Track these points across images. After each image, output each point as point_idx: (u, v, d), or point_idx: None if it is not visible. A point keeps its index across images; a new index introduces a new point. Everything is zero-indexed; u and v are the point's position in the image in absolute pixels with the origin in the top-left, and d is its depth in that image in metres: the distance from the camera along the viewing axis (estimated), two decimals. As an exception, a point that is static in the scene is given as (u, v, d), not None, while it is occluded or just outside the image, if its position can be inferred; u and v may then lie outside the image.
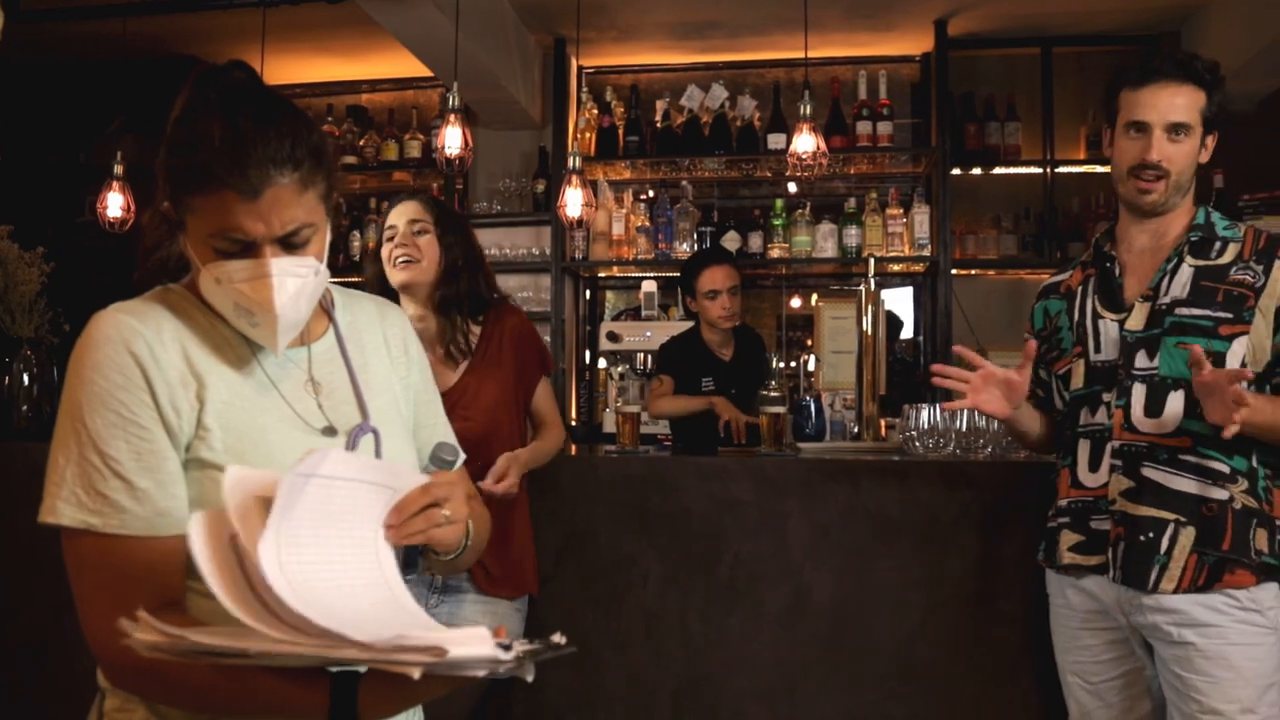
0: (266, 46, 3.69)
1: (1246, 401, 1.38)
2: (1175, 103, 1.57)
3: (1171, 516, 1.53)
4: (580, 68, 4.42)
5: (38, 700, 2.26)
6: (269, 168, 0.89)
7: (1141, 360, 1.59)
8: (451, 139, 2.97)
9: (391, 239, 1.93)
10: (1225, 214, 1.66)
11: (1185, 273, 1.59)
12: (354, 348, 1.06)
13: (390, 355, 1.10)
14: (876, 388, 2.49)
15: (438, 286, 1.93)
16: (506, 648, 0.75)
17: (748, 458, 2.19)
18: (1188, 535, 1.52)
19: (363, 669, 0.85)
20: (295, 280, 0.93)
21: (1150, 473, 1.56)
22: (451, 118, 2.98)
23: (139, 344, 0.90)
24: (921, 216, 3.98)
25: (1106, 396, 1.61)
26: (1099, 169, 4.12)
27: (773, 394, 2.28)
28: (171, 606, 0.88)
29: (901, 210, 4.02)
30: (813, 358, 3.94)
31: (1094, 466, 1.62)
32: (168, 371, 0.91)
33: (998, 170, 4.19)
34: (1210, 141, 1.63)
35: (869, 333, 2.48)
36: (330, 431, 0.98)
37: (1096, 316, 1.66)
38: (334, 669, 0.86)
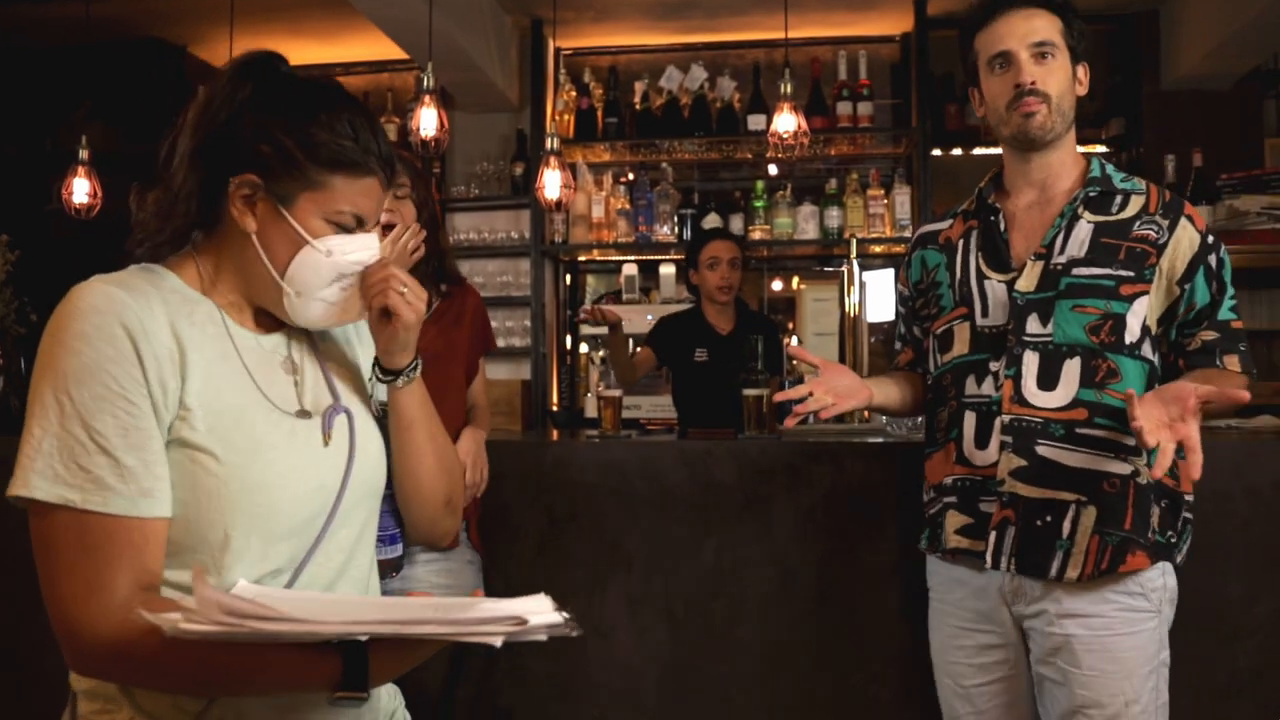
0: (235, 29, 3.62)
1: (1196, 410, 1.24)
2: (1033, 24, 1.47)
3: (1072, 497, 1.40)
4: (557, 49, 4.36)
5: (4, 703, 2.22)
6: (398, 168, 1.10)
7: (1033, 326, 1.45)
8: (427, 121, 2.92)
9: None
10: (1204, 194, 1.61)
11: (1084, 229, 1.47)
12: (319, 331, 1.08)
13: (348, 337, 1.13)
14: (859, 369, 2.48)
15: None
16: (559, 610, 0.81)
17: (730, 441, 2.18)
18: (1089, 516, 1.40)
19: (364, 637, 0.84)
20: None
21: (1046, 450, 1.42)
22: (427, 99, 2.93)
23: (130, 316, 0.87)
24: (902, 197, 3.97)
25: (994, 365, 1.47)
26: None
27: (756, 376, 2.27)
28: (148, 590, 0.85)
29: (882, 191, 4.00)
30: (794, 340, 3.93)
31: (981, 443, 1.47)
32: (157, 346, 0.88)
33: (978, 150, 4.19)
34: (1083, 74, 1.51)
35: (851, 314, 2.46)
36: (305, 415, 0.98)
37: (981, 277, 1.52)
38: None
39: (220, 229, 0.98)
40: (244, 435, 0.91)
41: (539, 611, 0.80)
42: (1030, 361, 1.45)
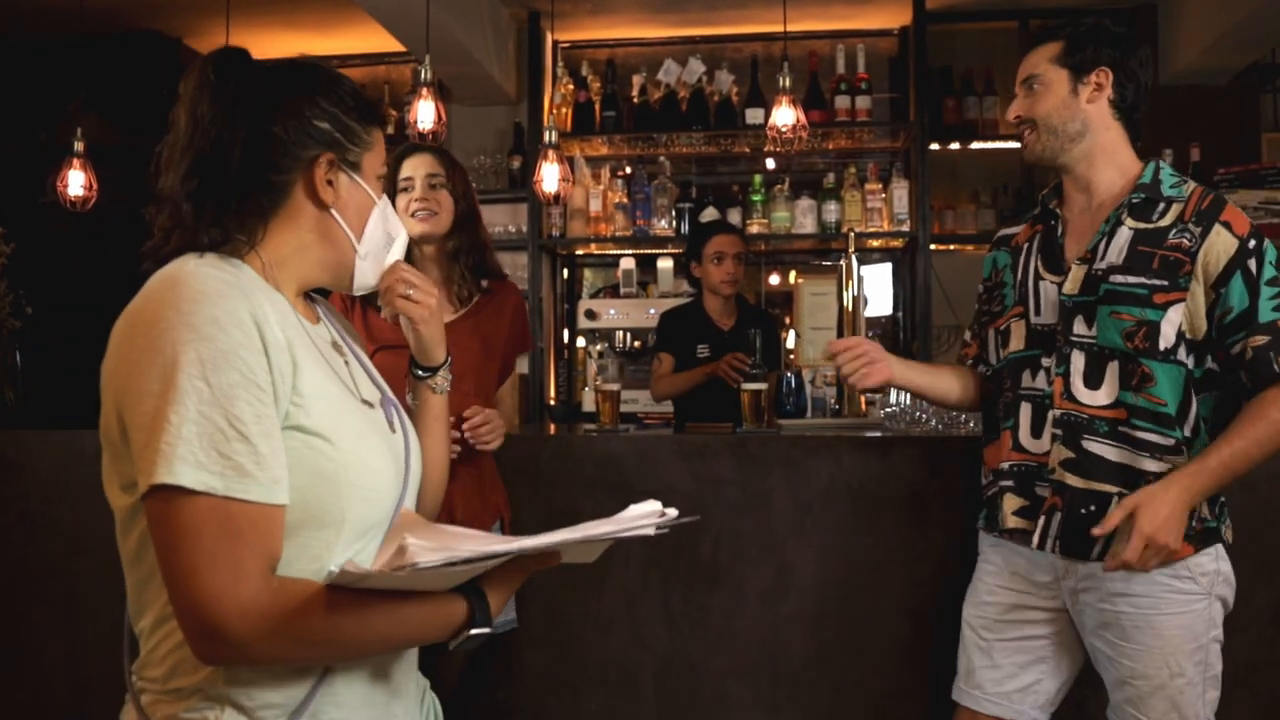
0: (231, 21, 3.61)
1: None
2: (1026, 63, 1.65)
3: (1114, 489, 1.50)
4: (555, 42, 4.35)
5: (4, 703, 2.22)
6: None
7: (1080, 327, 1.55)
8: (424, 113, 2.91)
9: (406, 190, 1.97)
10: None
11: (1123, 235, 1.54)
12: (340, 327, 1.09)
13: (355, 332, 1.14)
14: (857, 364, 2.47)
15: (448, 237, 1.99)
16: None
17: (728, 435, 2.17)
18: None
19: (555, 546, 0.90)
20: None
21: (1092, 445, 1.52)
22: (424, 91, 2.92)
23: (253, 303, 0.87)
24: (900, 191, 3.97)
25: (1046, 361, 1.58)
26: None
27: (754, 371, 2.27)
28: (272, 576, 0.85)
29: (880, 185, 4.00)
30: (793, 334, 3.93)
31: (1036, 432, 1.58)
32: (275, 334, 0.88)
33: (976, 145, 4.17)
34: (1094, 78, 1.58)
35: (849, 308, 2.46)
36: (367, 404, 1.00)
37: (1038, 278, 1.63)
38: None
39: (276, 219, 0.97)
40: (346, 422, 0.92)
41: (663, 509, 0.92)
42: (1077, 361, 1.55)
